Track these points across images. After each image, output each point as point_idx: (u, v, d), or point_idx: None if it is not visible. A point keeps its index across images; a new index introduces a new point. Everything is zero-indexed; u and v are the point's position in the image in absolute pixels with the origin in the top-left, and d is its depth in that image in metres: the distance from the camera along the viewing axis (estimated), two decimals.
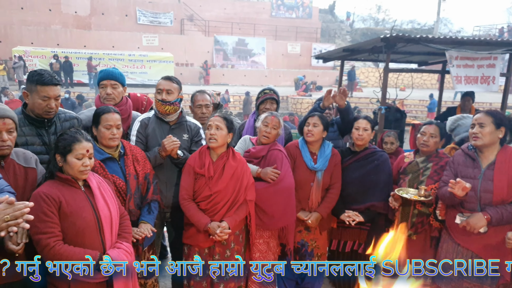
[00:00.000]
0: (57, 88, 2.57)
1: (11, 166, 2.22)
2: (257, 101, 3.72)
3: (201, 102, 3.54)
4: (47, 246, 2.02)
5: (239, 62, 25.96)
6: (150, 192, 2.74)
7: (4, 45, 19.85)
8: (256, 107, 3.72)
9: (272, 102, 3.65)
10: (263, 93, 3.69)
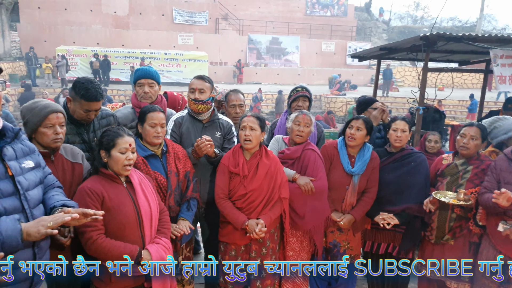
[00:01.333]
0: (100, 102, 2.63)
1: (60, 161, 2.33)
2: (289, 99, 3.72)
3: (235, 102, 3.58)
4: (90, 239, 2.12)
5: (272, 61, 25.93)
6: (189, 190, 2.79)
7: (49, 45, 20.76)
8: (288, 105, 3.72)
9: (304, 99, 3.65)
10: (295, 91, 3.69)
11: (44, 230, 1.70)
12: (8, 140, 1.83)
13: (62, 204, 1.94)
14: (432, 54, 5.63)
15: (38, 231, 1.70)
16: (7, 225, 1.68)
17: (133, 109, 3.17)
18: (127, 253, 2.16)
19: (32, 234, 1.71)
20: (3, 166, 1.77)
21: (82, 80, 2.58)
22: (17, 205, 1.79)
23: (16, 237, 1.68)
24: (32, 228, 1.71)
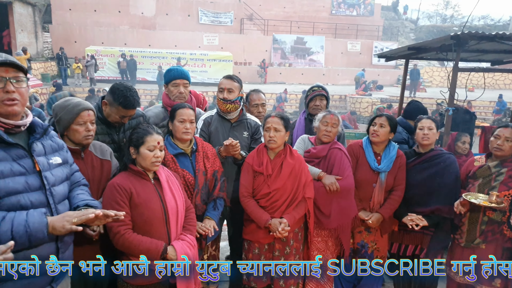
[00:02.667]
0: (135, 109, 2.69)
1: (90, 158, 2.39)
2: (306, 99, 3.70)
3: (257, 101, 3.61)
4: (118, 233, 2.18)
5: (296, 61, 25.81)
6: (217, 189, 2.81)
7: (79, 45, 21.36)
8: (306, 104, 3.70)
9: (321, 98, 3.62)
10: (311, 91, 3.67)
11: (69, 225, 1.75)
12: (38, 136, 1.87)
13: (85, 204, 1.98)
14: (462, 54, 5.48)
15: (63, 226, 1.75)
16: (34, 218, 1.72)
17: (163, 108, 3.21)
18: (153, 248, 2.21)
19: (57, 228, 1.75)
20: (31, 161, 1.81)
21: (121, 87, 2.63)
22: (43, 200, 1.83)
23: (42, 230, 1.72)
24: (58, 222, 1.75)
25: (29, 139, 1.85)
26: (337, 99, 19.80)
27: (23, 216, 1.70)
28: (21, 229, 1.67)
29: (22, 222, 1.68)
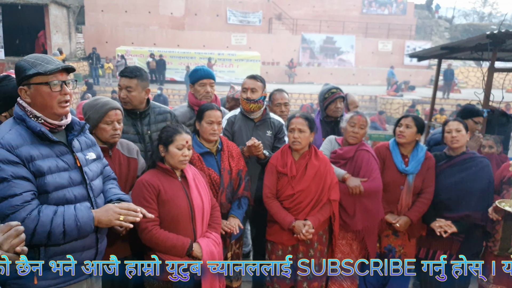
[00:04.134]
0: (132, 80, 2.77)
1: (117, 156, 2.47)
2: (325, 101, 3.59)
3: (280, 100, 3.60)
4: (146, 229, 2.24)
5: (325, 60, 25.52)
6: (241, 188, 2.83)
7: (110, 45, 21.91)
8: (324, 107, 3.60)
9: (341, 100, 3.57)
10: (330, 93, 3.58)
11: (117, 222, 1.90)
12: (75, 133, 1.97)
13: (117, 198, 2.09)
14: (499, 53, 5.20)
15: (110, 221, 1.89)
16: (82, 212, 1.84)
17: (189, 108, 3.25)
18: (179, 245, 2.26)
19: (103, 222, 1.89)
20: (72, 158, 1.92)
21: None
22: (85, 194, 1.94)
23: (90, 224, 1.85)
24: (103, 217, 1.88)
25: (67, 136, 1.95)
26: (367, 100, 19.42)
27: (71, 210, 1.81)
28: (72, 223, 1.79)
29: (72, 216, 1.79)
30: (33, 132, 1.80)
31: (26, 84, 1.80)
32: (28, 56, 1.85)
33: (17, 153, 1.73)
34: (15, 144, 1.74)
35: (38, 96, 1.81)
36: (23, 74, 1.79)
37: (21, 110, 1.83)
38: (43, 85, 1.80)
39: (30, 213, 1.72)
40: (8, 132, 1.76)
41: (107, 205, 1.97)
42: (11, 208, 1.69)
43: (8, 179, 1.70)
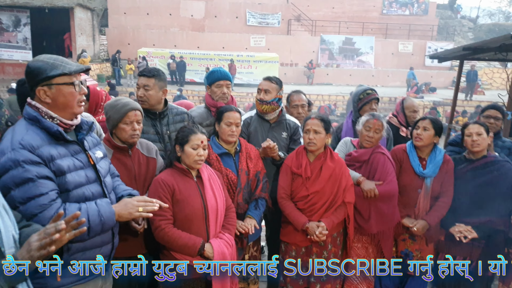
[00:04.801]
0: (150, 79, 2.84)
1: (136, 155, 2.51)
2: (360, 102, 3.52)
3: (297, 102, 3.59)
4: (159, 227, 2.28)
5: (345, 62, 25.29)
6: (258, 189, 2.83)
7: (132, 47, 22.27)
8: (358, 108, 3.53)
9: (375, 102, 3.50)
10: (365, 94, 3.50)
11: (137, 213, 1.94)
12: (84, 132, 1.98)
13: (128, 193, 2.14)
14: None
15: (130, 213, 1.93)
16: (104, 208, 1.88)
17: (206, 109, 3.28)
18: (191, 244, 2.28)
19: (123, 216, 1.93)
20: (85, 156, 1.96)
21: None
22: (100, 191, 1.98)
23: (112, 219, 1.89)
24: (123, 210, 1.93)
25: (76, 136, 1.98)
26: (387, 101, 19.15)
27: (94, 206, 1.86)
28: (96, 218, 1.83)
29: (96, 212, 1.84)
30: (49, 132, 1.81)
31: (46, 84, 1.80)
32: (43, 57, 1.84)
33: (38, 153, 1.75)
34: (36, 145, 1.75)
35: (60, 96, 1.82)
36: (43, 74, 1.78)
37: (34, 111, 1.82)
38: (67, 85, 1.82)
39: (56, 211, 1.73)
40: (26, 133, 1.77)
41: (124, 200, 2.01)
42: (38, 208, 1.71)
43: (34, 179, 1.71)
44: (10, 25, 19.74)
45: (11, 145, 1.73)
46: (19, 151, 1.71)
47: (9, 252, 1.44)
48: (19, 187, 1.71)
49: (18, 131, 1.78)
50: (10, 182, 1.70)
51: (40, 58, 1.83)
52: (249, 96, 18.98)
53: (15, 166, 1.70)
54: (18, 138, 1.74)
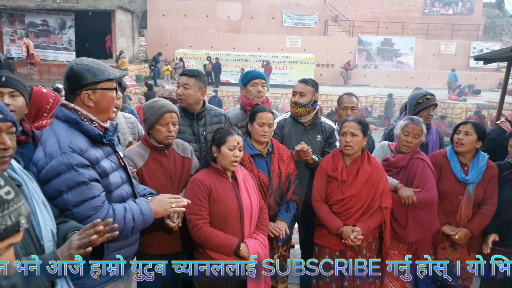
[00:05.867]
0: (187, 78, 2.93)
1: (172, 155, 2.57)
2: (418, 106, 3.35)
3: (347, 104, 3.53)
4: (196, 226, 2.32)
5: (383, 63, 24.69)
6: (290, 192, 2.83)
7: (169, 48, 22.79)
8: (415, 112, 3.37)
9: (433, 108, 3.37)
10: (425, 99, 3.33)
11: (171, 209, 2.01)
12: (111, 134, 1.99)
13: (149, 192, 2.20)
14: None
15: (165, 210, 2.00)
16: (144, 206, 1.95)
17: (241, 110, 3.33)
18: (227, 244, 2.32)
19: (159, 213, 2.00)
20: (116, 157, 2.01)
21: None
22: (131, 190, 2.06)
23: (151, 216, 1.96)
24: (158, 207, 1.99)
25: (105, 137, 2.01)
26: None
27: (135, 205, 1.93)
28: (139, 217, 1.90)
29: (138, 211, 1.90)
30: (87, 135, 1.83)
31: (91, 89, 1.83)
32: (86, 62, 1.85)
33: (86, 156, 1.78)
34: (84, 148, 1.79)
35: (103, 101, 1.86)
36: (90, 79, 1.81)
37: (73, 113, 1.83)
38: (109, 90, 1.88)
39: (107, 212, 1.81)
40: (72, 136, 1.78)
41: (156, 197, 2.07)
42: (92, 210, 1.77)
43: (87, 182, 1.75)
44: (56, 28, 20.72)
45: (61, 149, 1.74)
46: (71, 155, 1.73)
47: (48, 245, 1.51)
48: (72, 190, 1.73)
49: (62, 134, 1.79)
50: (62, 185, 1.72)
51: (84, 62, 1.85)
52: (283, 97, 18.93)
53: (68, 170, 1.72)
54: (66, 142, 1.76)
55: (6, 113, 1.46)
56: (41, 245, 1.51)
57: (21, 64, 19.54)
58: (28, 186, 1.55)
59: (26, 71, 19.23)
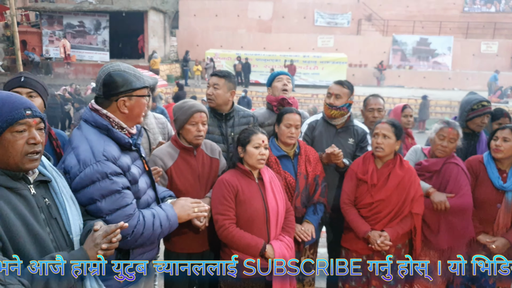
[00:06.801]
0: (217, 78, 2.96)
1: (201, 155, 2.62)
2: (472, 113, 3.17)
3: (374, 105, 3.50)
4: (223, 226, 2.35)
5: (418, 63, 23.94)
6: (317, 194, 2.82)
7: (200, 49, 23.00)
8: (468, 118, 3.20)
9: (488, 116, 3.20)
10: (481, 105, 3.14)
11: (194, 214, 2.07)
12: (136, 137, 2.00)
13: (169, 195, 2.25)
14: None
15: (188, 215, 2.06)
16: (169, 212, 1.99)
17: (267, 110, 3.35)
18: (253, 245, 2.33)
19: (182, 217, 2.05)
20: (142, 162, 2.03)
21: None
22: (154, 195, 2.09)
23: (176, 221, 2.02)
24: (182, 212, 2.04)
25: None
26: None
27: (161, 211, 1.97)
28: (166, 223, 1.95)
29: (165, 217, 1.95)
30: (117, 141, 1.85)
31: (128, 95, 1.85)
32: (123, 68, 1.87)
33: (119, 164, 1.80)
34: (116, 156, 1.81)
35: (136, 107, 1.89)
36: (129, 86, 1.84)
37: (104, 119, 1.84)
38: (143, 97, 1.91)
39: (138, 219, 1.85)
40: (104, 144, 1.80)
41: (179, 202, 2.11)
42: (125, 217, 1.78)
43: (120, 191, 1.78)
44: (92, 29, 21.37)
45: (95, 157, 1.75)
46: (105, 163, 1.75)
47: (76, 239, 1.60)
48: (106, 199, 1.76)
49: (94, 141, 1.80)
50: (96, 193, 1.74)
51: (121, 68, 1.86)
52: (313, 97, 18.66)
53: (103, 178, 1.74)
54: (100, 149, 1.77)
55: (34, 109, 1.50)
56: (70, 239, 1.58)
57: (59, 64, 20.30)
58: (58, 182, 1.61)
59: (63, 71, 19.94)
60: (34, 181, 1.54)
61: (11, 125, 1.42)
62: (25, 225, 1.41)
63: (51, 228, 1.52)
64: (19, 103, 1.46)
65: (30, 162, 1.46)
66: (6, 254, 1.35)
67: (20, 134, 1.44)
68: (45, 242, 1.46)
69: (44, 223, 1.50)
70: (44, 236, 1.46)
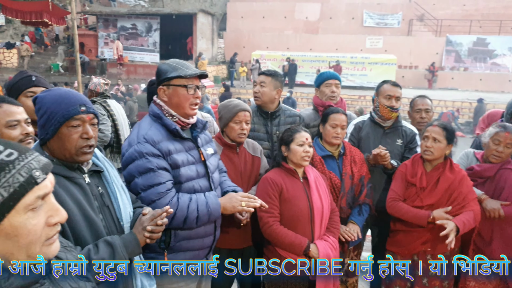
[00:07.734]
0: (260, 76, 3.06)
1: (243, 153, 2.69)
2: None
3: (421, 106, 3.39)
4: (267, 224, 2.38)
5: (474, 65, 22.64)
6: (363, 195, 2.80)
7: (246, 50, 23.22)
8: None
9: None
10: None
11: (240, 207, 2.09)
12: (199, 130, 2.18)
13: (232, 189, 2.29)
14: None
15: (234, 207, 2.09)
16: (211, 200, 2.06)
17: (314, 110, 3.34)
18: (297, 243, 2.34)
19: (227, 209, 2.09)
20: (197, 152, 2.15)
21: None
22: (207, 185, 2.16)
23: (218, 210, 2.07)
24: (228, 203, 2.09)
25: (191, 133, 2.19)
26: None
27: (203, 197, 2.05)
28: (204, 209, 2.02)
29: (204, 203, 2.02)
30: (168, 129, 2.03)
31: (166, 84, 2.04)
32: (170, 60, 2.08)
33: (158, 147, 1.96)
34: (157, 140, 1.98)
35: (174, 96, 2.03)
36: (164, 75, 2.03)
37: (158, 108, 2.07)
38: (181, 87, 2.03)
39: (171, 199, 1.97)
40: (149, 129, 2.01)
41: (229, 194, 2.18)
42: (157, 195, 1.94)
43: (154, 170, 1.94)
44: (144, 31, 22.21)
45: (137, 139, 1.98)
46: (144, 144, 1.95)
47: (127, 226, 1.70)
48: (142, 176, 1.95)
49: (143, 127, 2.04)
50: (134, 170, 1.96)
51: (168, 61, 2.08)
52: (361, 99, 18.23)
53: (140, 157, 1.94)
54: (143, 133, 1.99)
55: (88, 106, 1.61)
56: (121, 225, 1.68)
57: (112, 64, 21.30)
58: (109, 172, 1.73)
59: (115, 71, 20.89)
60: (88, 171, 1.65)
61: (67, 120, 1.53)
62: (81, 211, 1.52)
63: (103, 215, 1.63)
64: (75, 100, 1.57)
65: (83, 155, 1.57)
66: (65, 237, 1.44)
67: (75, 129, 1.55)
68: (98, 227, 1.56)
69: (97, 210, 1.60)
70: (97, 222, 1.57)
